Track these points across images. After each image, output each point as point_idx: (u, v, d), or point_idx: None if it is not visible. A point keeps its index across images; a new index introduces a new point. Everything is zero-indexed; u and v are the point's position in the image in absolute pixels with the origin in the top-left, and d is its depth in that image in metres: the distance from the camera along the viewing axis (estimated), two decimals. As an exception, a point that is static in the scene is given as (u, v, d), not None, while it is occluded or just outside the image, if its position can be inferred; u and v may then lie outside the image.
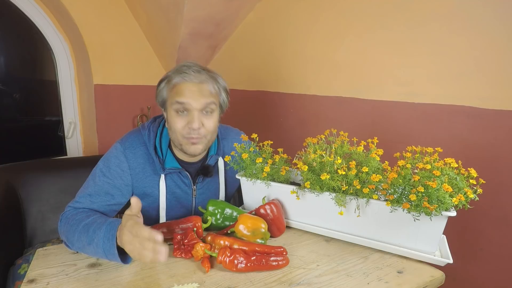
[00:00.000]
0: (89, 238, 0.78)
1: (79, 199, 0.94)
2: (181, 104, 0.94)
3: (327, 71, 1.53)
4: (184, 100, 0.93)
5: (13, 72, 2.03)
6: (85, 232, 0.80)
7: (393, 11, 1.26)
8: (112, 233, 0.75)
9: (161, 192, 1.02)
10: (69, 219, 0.86)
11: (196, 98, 0.94)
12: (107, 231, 0.76)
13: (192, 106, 0.93)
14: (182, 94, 0.93)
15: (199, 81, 0.95)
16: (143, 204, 1.04)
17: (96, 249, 0.77)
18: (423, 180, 0.77)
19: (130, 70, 2.12)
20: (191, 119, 0.94)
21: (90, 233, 0.78)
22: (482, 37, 1.05)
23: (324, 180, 0.84)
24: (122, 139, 1.02)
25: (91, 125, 2.11)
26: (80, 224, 0.82)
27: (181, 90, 0.94)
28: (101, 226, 0.78)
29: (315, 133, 1.07)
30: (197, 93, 0.94)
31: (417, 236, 0.81)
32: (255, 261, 0.77)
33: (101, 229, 0.77)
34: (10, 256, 1.22)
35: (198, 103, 0.94)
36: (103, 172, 0.97)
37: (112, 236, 0.75)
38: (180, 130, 0.95)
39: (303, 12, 1.60)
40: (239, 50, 2.01)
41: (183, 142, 0.97)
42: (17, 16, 1.91)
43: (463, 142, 1.12)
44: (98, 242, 0.76)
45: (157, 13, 1.87)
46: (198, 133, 0.95)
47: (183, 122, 0.95)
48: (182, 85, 0.94)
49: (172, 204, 1.06)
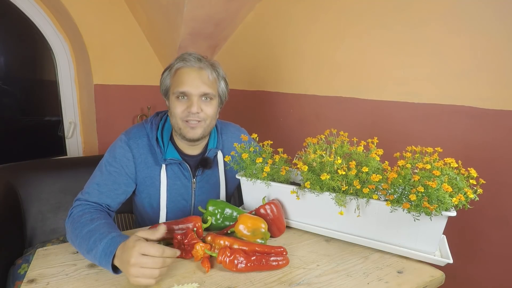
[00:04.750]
0: (88, 248, 0.78)
1: (87, 189, 0.97)
2: (181, 92, 1.00)
3: (327, 71, 1.53)
4: (184, 89, 0.99)
5: (13, 72, 2.03)
6: (86, 240, 0.79)
7: (393, 11, 1.26)
8: (111, 249, 0.74)
9: (162, 182, 1.05)
10: (75, 221, 0.86)
11: (195, 84, 0.99)
12: (106, 246, 0.75)
13: (191, 91, 0.99)
14: (182, 81, 0.99)
15: (198, 66, 1.01)
16: (144, 196, 1.07)
17: (93, 260, 0.77)
18: (423, 180, 0.77)
19: (130, 70, 2.12)
20: (190, 104, 0.99)
21: (91, 243, 0.78)
22: (482, 37, 1.05)
23: (324, 180, 0.84)
24: (127, 131, 1.08)
25: (91, 125, 2.11)
26: (84, 230, 0.82)
27: (181, 74, 1.00)
28: (102, 238, 0.77)
29: (315, 133, 1.07)
30: (197, 79, 1.00)
31: (417, 236, 0.81)
32: (255, 261, 0.77)
33: (102, 241, 0.76)
34: (10, 256, 1.22)
35: (197, 89, 0.99)
36: (109, 162, 1.01)
37: (111, 253, 0.73)
38: (180, 114, 1.00)
39: (303, 12, 1.60)
40: (239, 50, 2.01)
41: (182, 126, 1.02)
42: (17, 16, 1.91)
43: (463, 142, 1.12)
44: (96, 254, 0.75)
45: (157, 13, 1.87)
46: (198, 117, 1.00)
47: (183, 106, 1.00)
48: (182, 70, 1.01)
49: (172, 196, 1.08)
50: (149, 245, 0.69)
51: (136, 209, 1.17)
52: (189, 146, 1.09)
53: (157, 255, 0.68)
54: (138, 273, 0.68)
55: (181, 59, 1.02)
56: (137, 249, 0.68)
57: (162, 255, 0.69)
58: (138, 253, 0.68)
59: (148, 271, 0.68)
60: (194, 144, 1.09)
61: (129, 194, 1.05)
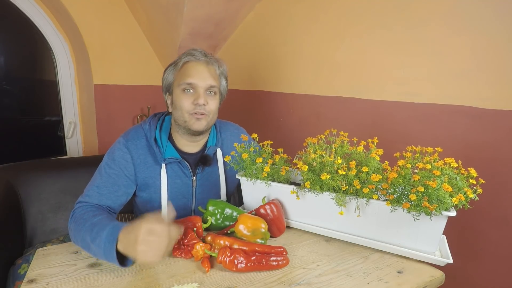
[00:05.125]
0: (92, 237, 0.79)
1: (88, 192, 0.98)
2: (188, 84, 1.01)
3: (327, 71, 1.53)
4: (192, 80, 1.01)
5: (13, 72, 2.03)
6: (89, 231, 0.81)
7: (393, 11, 1.26)
8: (114, 236, 0.75)
9: (162, 181, 1.06)
10: (77, 218, 0.89)
11: (203, 77, 1.02)
12: (109, 233, 0.77)
13: (198, 83, 1.01)
14: (190, 73, 1.01)
15: (205, 60, 1.04)
16: (145, 196, 1.07)
17: (98, 249, 0.78)
18: (423, 180, 0.77)
19: (130, 70, 2.12)
20: (197, 96, 1.01)
21: (94, 234, 0.79)
22: (482, 37, 1.05)
23: (324, 180, 0.84)
24: (125, 133, 1.08)
25: (91, 125, 2.11)
26: (86, 223, 0.84)
27: (189, 68, 1.02)
28: (105, 227, 0.79)
29: (315, 133, 1.07)
30: (204, 72, 1.02)
31: (417, 236, 0.81)
32: (255, 261, 0.77)
33: (104, 230, 0.78)
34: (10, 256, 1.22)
35: (204, 81, 1.01)
36: (108, 164, 1.02)
37: (114, 239, 0.75)
38: (187, 107, 1.01)
39: (303, 12, 1.60)
40: (239, 50, 2.01)
41: (188, 119, 1.02)
42: (17, 16, 1.91)
43: (463, 142, 1.12)
44: (100, 243, 0.77)
45: (157, 13, 1.87)
46: (204, 109, 1.02)
47: (190, 99, 1.01)
48: (190, 63, 1.03)
49: (173, 195, 1.09)
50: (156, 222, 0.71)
51: (136, 209, 1.17)
52: (190, 142, 1.10)
53: (164, 230, 0.70)
54: (146, 249, 0.69)
55: (187, 54, 1.04)
56: (145, 225, 0.70)
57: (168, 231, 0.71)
58: (146, 230, 0.70)
59: (156, 246, 0.69)
60: (195, 140, 1.09)
61: (130, 196, 1.05)
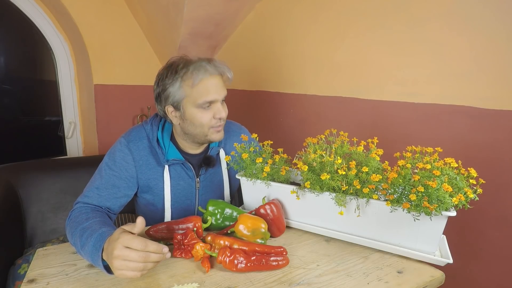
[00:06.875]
0: (81, 244, 0.78)
1: (87, 193, 0.97)
2: (209, 102, 0.98)
3: (327, 71, 1.53)
4: (213, 98, 0.98)
5: (13, 72, 2.03)
6: (79, 237, 0.80)
7: (393, 11, 1.26)
8: (100, 244, 0.74)
9: (165, 183, 1.05)
10: (72, 220, 0.88)
11: (219, 91, 1.00)
12: (96, 241, 0.75)
13: (217, 98, 0.99)
14: (210, 91, 0.97)
15: (218, 72, 1.00)
16: (147, 197, 1.06)
17: (86, 256, 0.77)
18: (423, 180, 0.77)
19: (130, 70, 2.12)
20: (217, 110, 1.00)
21: (83, 239, 0.79)
22: (482, 37, 1.05)
23: (324, 180, 0.84)
24: (126, 133, 1.06)
25: (91, 125, 2.11)
26: (78, 227, 0.83)
27: (207, 85, 0.97)
28: (93, 233, 0.78)
29: (315, 133, 1.07)
30: (220, 85, 1.00)
31: (417, 236, 0.81)
32: (255, 261, 0.77)
33: (92, 236, 0.77)
34: (10, 256, 1.22)
35: (221, 95, 1.00)
36: (109, 165, 1.00)
37: (100, 247, 0.74)
38: (208, 122, 1.00)
39: (303, 12, 1.60)
40: (239, 50, 2.01)
41: (209, 133, 1.02)
42: (17, 16, 1.91)
43: (463, 142, 1.12)
44: (87, 250, 0.76)
45: (157, 13, 1.87)
46: (224, 120, 1.03)
47: (209, 114, 1.00)
48: (206, 80, 0.97)
49: (176, 196, 1.08)
50: (132, 238, 0.68)
51: (138, 210, 1.16)
52: (195, 146, 1.09)
53: (139, 248, 0.68)
54: (121, 266, 0.68)
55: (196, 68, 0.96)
56: (121, 241, 0.68)
57: (145, 248, 0.68)
58: (122, 246, 0.68)
59: (132, 264, 0.67)
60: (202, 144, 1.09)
61: (130, 197, 1.04)
